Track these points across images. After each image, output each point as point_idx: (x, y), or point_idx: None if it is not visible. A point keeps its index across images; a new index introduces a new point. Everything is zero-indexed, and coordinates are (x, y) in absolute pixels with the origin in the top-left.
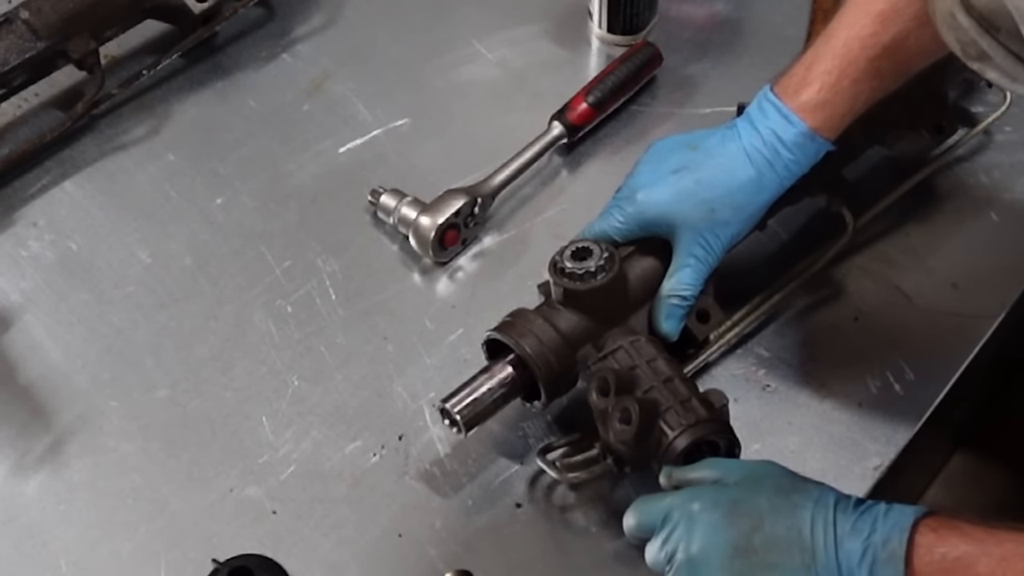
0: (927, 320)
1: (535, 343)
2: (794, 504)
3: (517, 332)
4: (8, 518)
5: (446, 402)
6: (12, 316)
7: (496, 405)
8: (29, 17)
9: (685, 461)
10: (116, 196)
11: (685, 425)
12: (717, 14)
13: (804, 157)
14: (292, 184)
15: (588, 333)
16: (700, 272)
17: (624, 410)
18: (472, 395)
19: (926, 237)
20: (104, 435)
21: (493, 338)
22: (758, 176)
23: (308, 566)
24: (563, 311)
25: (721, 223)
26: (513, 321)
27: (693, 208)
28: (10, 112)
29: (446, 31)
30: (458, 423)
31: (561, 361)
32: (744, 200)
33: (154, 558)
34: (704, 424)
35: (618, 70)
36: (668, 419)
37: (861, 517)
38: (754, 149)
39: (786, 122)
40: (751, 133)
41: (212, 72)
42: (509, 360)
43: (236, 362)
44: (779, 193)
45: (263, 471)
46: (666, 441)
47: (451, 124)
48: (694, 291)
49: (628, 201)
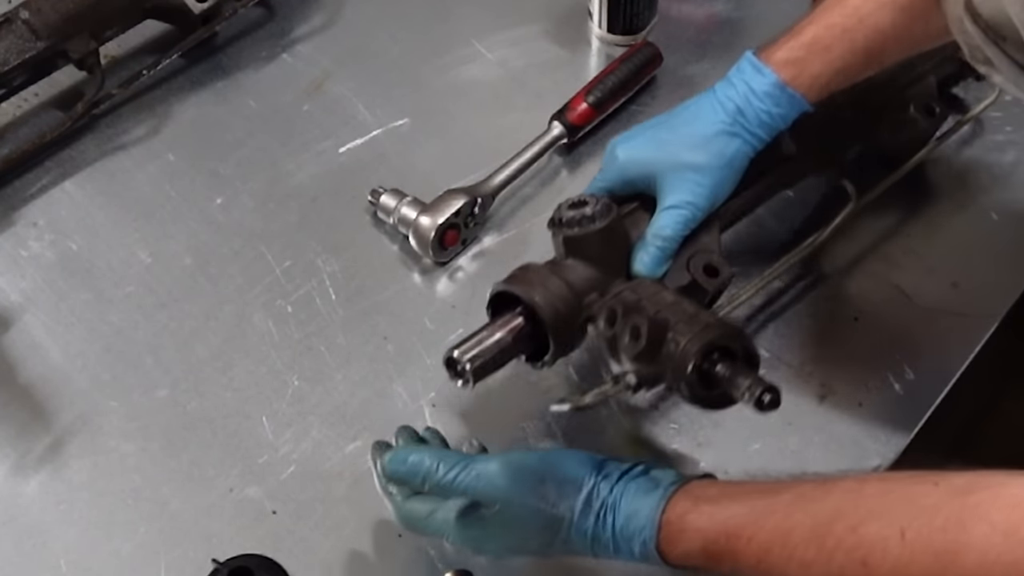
0: (927, 320)
1: (542, 291)
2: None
3: (523, 282)
4: (8, 518)
5: (453, 351)
6: (12, 316)
7: (504, 356)
8: (29, 17)
9: (699, 375)
10: (116, 196)
11: (695, 331)
12: (717, 14)
13: (776, 108)
14: (292, 184)
15: (594, 282)
16: (681, 216)
17: (634, 327)
18: (480, 344)
19: (926, 237)
20: (104, 435)
21: (499, 292)
22: (731, 122)
23: (308, 566)
24: (567, 262)
25: (700, 168)
26: (518, 274)
27: (671, 154)
28: (10, 112)
29: (446, 31)
30: (466, 373)
31: (568, 309)
32: (721, 146)
33: (154, 558)
34: (714, 327)
35: (618, 70)
36: (678, 330)
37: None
38: (727, 99)
39: (759, 74)
40: (725, 86)
41: (212, 72)
42: (518, 312)
43: (236, 362)
44: (757, 146)
45: (263, 471)
46: (677, 350)
47: (451, 124)
48: (674, 232)
49: (609, 159)
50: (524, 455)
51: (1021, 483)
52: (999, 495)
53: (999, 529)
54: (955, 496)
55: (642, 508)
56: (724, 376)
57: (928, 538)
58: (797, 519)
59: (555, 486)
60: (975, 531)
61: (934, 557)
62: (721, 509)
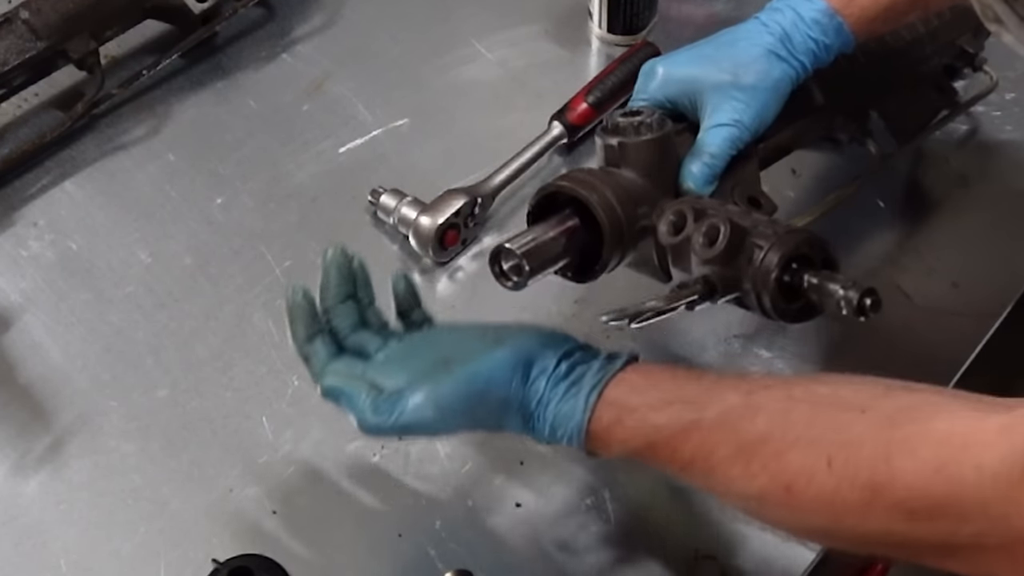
0: (927, 320)
1: (598, 194)
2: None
3: (579, 183)
4: (8, 518)
5: (504, 243)
6: (12, 316)
7: (558, 257)
8: (29, 17)
9: (779, 283)
10: (116, 196)
11: (779, 234)
12: (717, 14)
13: (824, 37)
14: (292, 184)
15: (644, 192)
16: (729, 134)
17: (711, 227)
18: (535, 240)
19: (926, 237)
20: (104, 435)
21: (547, 194)
22: (778, 45)
23: (308, 566)
24: (617, 171)
25: (747, 87)
26: (569, 174)
27: (716, 73)
28: (10, 112)
29: (446, 31)
30: (521, 266)
31: (625, 214)
32: (767, 67)
33: (154, 558)
34: (797, 233)
35: (618, 70)
36: (758, 233)
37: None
38: (774, 23)
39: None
40: (771, 12)
41: (212, 72)
42: (568, 212)
43: (236, 362)
44: (801, 73)
45: (263, 471)
46: (759, 255)
47: (451, 124)
48: (720, 149)
49: (649, 76)
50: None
51: (946, 416)
52: (927, 430)
53: (929, 465)
54: (883, 428)
55: (567, 418)
56: (813, 284)
57: (855, 469)
58: (721, 437)
59: (485, 410)
60: (903, 465)
61: (860, 490)
62: (643, 421)
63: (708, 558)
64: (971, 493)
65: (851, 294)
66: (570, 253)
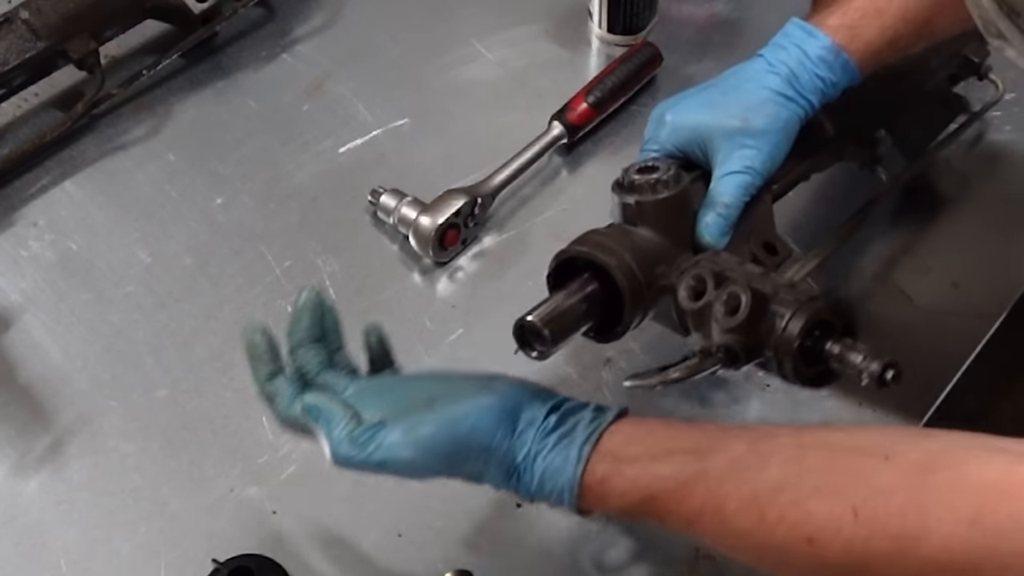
0: (927, 320)
1: (617, 257)
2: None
3: (596, 246)
4: (8, 518)
5: (527, 317)
6: (12, 316)
7: (579, 323)
8: (29, 17)
9: (801, 350)
10: (116, 196)
11: (800, 302)
12: (717, 14)
13: (830, 74)
14: (292, 184)
15: (662, 250)
16: (742, 182)
17: (731, 295)
18: (556, 310)
19: (926, 237)
20: (104, 435)
21: (568, 258)
22: (785, 85)
23: (308, 566)
24: (634, 229)
25: (758, 132)
26: (588, 237)
27: (726, 119)
28: (10, 112)
29: (446, 31)
30: (543, 336)
31: (644, 276)
32: (776, 110)
33: (154, 558)
34: (818, 300)
35: (618, 70)
36: (779, 300)
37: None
38: (779, 62)
39: (811, 38)
40: (775, 50)
41: (212, 72)
42: (588, 277)
43: (236, 362)
44: (809, 112)
45: (263, 471)
46: (780, 323)
47: (451, 124)
48: (734, 199)
49: (658, 126)
50: (430, 424)
51: (978, 463)
52: (961, 477)
53: (964, 516)
54: (912, 475)
55: (559, 472)
56: (834, 354)
57: (885, 520)
58: (732, 487)
59: (465, 456)
60: (938, 517)
61: (892, 541)
62: (644, 472)
63: (708, 558)
64: (1010, 545)
65: (874, 367)
66: (592, 318)
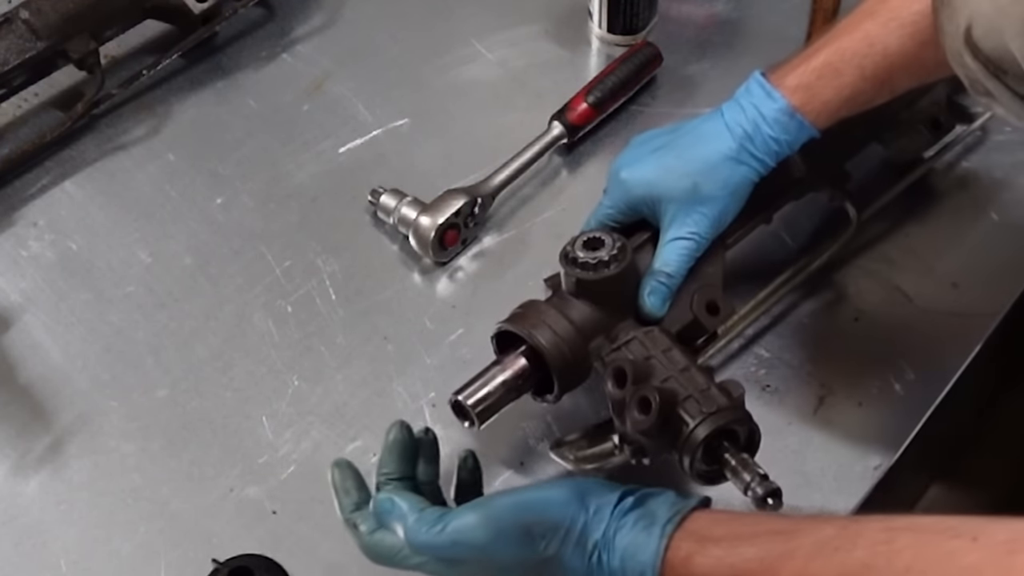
0: (927, 320)
1: (548, 334)
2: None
3: (529, 323)
4: (8, 518)
5: (458, 394)
6: (12, 316)
7: (509, 397)
8: (29, 17)
9: (705, 452)
10: (116, 196)
11: (706, 413)
12: (717, 14)
13: (785, 135)
14: (292, 184)
15: (601, 324)
16: (686, 248)
17: (643, 399)
18: (485, 387)
19: (926, 237)
20: (104, 435)
21: (505, 330)
22: (739, 149)
23: (308, 566)
24: (575, 302)
25: (706, 198)
26: (524, 312)
27: (676, 181)
28: (10, 112)
29: (446, 31)
30: (471, 416)
31: (575, 352)
32: (727, 174)
33: (154, 558)
34: (724, 412)
35: (618, 70)
36: (687, 408)
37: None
38: (735, 123)
39: (768, 98)
40: (734, 109)
41: (212, 72)
42: (522, 351)
43: (236, 362)
44: (762, 172)
45: (263, 471)
46: (686, 430)
47: (451, 124)
48: (677, 268)
49: (614, 182)
50: (502, 501)
51: None
52: None
53: None
54: (999, 555)
55: (641, 549)
56: (729, 464)
57: None
58: (819, 567)
59: (541, 533)
60: None
61: None
62: (730, 552)
63: None
64: None
65: (758, 490)
66: (524, 391)
